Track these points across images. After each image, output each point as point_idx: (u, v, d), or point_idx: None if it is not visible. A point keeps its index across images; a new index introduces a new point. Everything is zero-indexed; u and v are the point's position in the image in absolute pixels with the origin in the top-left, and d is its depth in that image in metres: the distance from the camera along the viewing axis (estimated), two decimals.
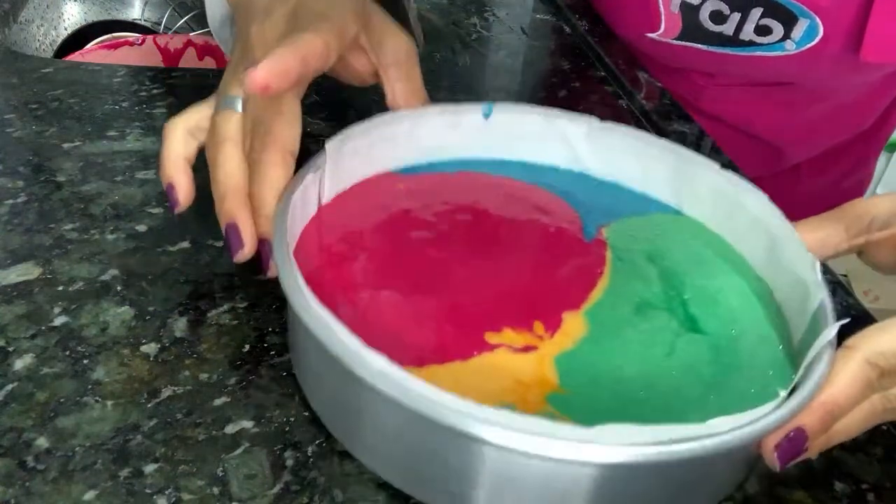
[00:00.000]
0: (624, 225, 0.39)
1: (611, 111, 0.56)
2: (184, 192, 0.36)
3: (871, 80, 0.68)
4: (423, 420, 0.25)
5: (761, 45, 0.59)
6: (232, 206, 0.33)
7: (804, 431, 0.27)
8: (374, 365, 0.25)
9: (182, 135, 0.36)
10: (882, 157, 1.72)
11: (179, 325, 0.34)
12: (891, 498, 0.31)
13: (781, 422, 0.26)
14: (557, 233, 0.38)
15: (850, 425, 0.28)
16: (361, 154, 0.38)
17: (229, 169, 0.34)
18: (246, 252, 0.33)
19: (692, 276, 0.36)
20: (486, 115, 0.40)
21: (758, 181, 0.37)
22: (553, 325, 0.32)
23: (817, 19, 0.55)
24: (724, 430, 0.25)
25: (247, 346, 0.33)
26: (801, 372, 0.28)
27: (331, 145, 0.35)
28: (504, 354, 0.31)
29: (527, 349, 0.31)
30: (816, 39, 0.56)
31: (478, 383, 0.29)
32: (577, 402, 0.29)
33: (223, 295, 0.36)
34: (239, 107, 0.35)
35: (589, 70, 0.62)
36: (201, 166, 0.45)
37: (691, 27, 0.60)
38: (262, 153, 0.33)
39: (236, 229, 0.33)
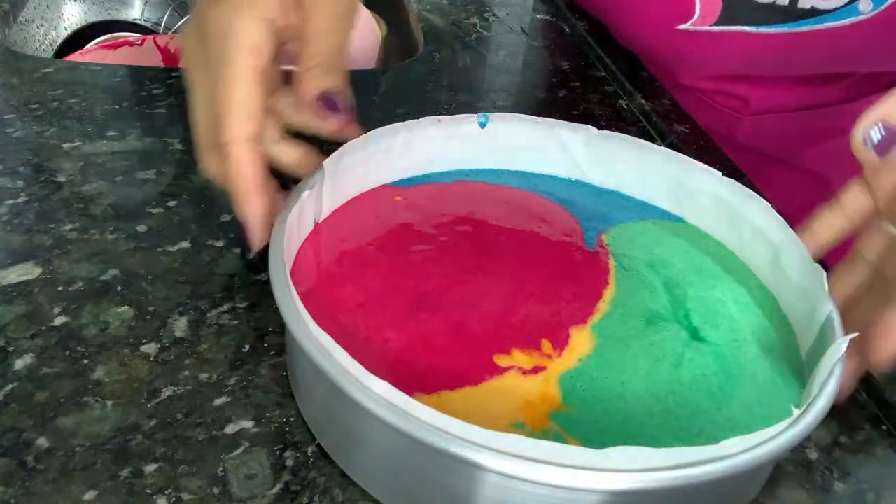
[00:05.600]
0: (624, 230, 0.39)
1: (611, 111, 0.56)
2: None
3: None
4: (426, 447, 0.24)
5: (826, 12, 0.48)
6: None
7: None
8: (376, 391, 0.25)
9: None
10: None
11: (179, 325, 0.34)
12: (891, 498, 0.31)
13: (795, 440, 0.26)
14: (559, 241, 0.38)
15: None
16: (358, 169, 0.37)
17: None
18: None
19: (695, 285, 0.36)
20: (482, 125, 0.40)
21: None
22: (561, 343, 0.32)
23: None
24: (738, 452, 0.24)
25: (247, 346, 0.33)
26: (814, 389, 0.27)
27: (328, 162, 0.35)
28: (514, 377, 0.30)
29: (535, 370, 0.31)
30: None
31: (489, 407, 0.29)
32: (581, 418, 0.29)
33: (223, 295, 0.36)
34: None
35: (589, 70, 0.62)
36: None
37: (733, 4, 0.50)
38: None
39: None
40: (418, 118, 0.39)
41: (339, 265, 0.34)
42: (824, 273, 0.32)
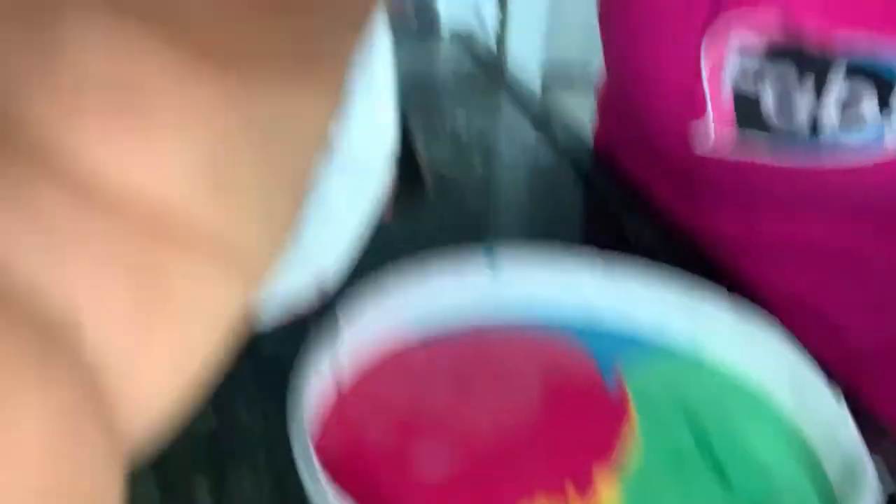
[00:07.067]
0: (643, 370, 0.39)
1: (616, 237, 0.57)
2: None
3: None
4: None
5: (851, 148, 0.43)
6: None
7: None
8: None
9: None
10: None
11: None
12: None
13: None
14: (577, 383, 0.38)
15: None
16: (371, 325, 0.38)
17: None
18: None
19: (720, 426, 0.35)
20: (491, 271, 0.41)
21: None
22: (584, 486, 0.32)
23: None
24: None
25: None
26: None
27: (343, 321, 0.35)
28: None
29: None
30: None
31: None
32: None
33: None
34: None
35: (591, 199, 0.64)
36: None
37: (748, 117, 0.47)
38: None
39: None
40: (426, 264, 0.40)
41: (362, 426, 0.34)
42: (850, 416, 0.31)
